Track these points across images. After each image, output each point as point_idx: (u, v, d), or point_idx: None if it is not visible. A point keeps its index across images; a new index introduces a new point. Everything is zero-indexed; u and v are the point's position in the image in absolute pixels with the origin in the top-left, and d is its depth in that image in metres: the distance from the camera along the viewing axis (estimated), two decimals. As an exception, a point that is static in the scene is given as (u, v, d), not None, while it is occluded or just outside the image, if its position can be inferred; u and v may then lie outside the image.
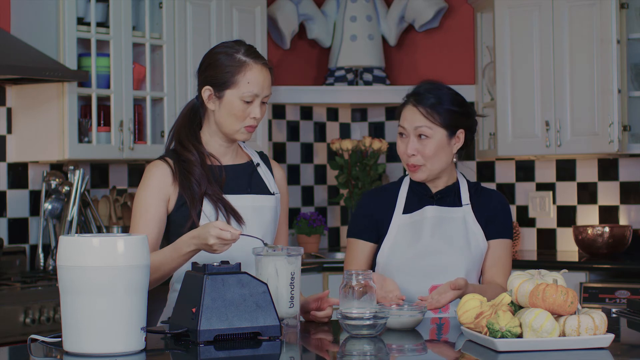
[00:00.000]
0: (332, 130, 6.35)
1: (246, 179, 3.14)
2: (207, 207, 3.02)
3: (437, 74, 6.11)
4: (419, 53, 6.22)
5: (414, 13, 6.02)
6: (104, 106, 4.84)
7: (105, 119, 4.83)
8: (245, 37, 5.28)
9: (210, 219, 3.00)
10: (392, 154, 6.27)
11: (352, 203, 5.98)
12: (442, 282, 3.11)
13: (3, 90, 4.79)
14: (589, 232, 5.36)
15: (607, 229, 5.34)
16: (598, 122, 5.26)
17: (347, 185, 6.00)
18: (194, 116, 3.15)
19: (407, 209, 3.25)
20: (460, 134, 3.23)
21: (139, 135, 4.96)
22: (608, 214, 5.67)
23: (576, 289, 4.97)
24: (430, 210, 3.23)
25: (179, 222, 3.03)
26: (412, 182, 3.29)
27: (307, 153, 6.21)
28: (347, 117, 6.42)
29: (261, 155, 3.24)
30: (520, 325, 2.51)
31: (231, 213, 3.02)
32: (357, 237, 3.28)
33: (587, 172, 5.73)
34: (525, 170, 5.90)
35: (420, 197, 3.26)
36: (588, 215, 5.72)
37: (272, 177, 3.20)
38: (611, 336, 2.52)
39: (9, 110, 4.81)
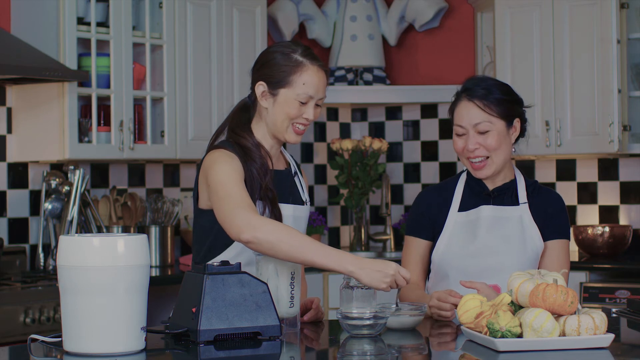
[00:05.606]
0: (333, 130, 6.35)
1: (287, 188, 3.08)
2: (258, 204, 2.94)
3: (437, 73, 6.11)
4: (419, 53, 6.22)
5: (414, 13, 6.02)
6: (104, 106, 4.84)
7: (105, 119, 4.83)
8: (245, 37, 5.32)
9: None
10: (392, 154, 6.27)
11: (352, 203, 5.98)
12: (497, 282, 3.10)
13: (3, 90, 4.79)
14: (589, 232, 5.35)
15: (607, 229, 5.33)
16: (598, 122, 5.26)
17: (348, 185, 6.00)
18: (245, 113, 3.07)
19: (463, 207, 3.23)
20: (517, 122, 3.23)
21: (139, 135, 4.96)
22: (608, 214, 5.66)
23: (576, 288, 4.97)
24: (485, 210, 3.20)
25: None
26: (469, 178, 3.26)
27: (307, 153, 6.21)
28: (347, 116, 6.41)
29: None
30: (521, 325, 2.51)
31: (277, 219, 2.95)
32: (413, 234, 3.27)
33: (587, 172, 5.72)
34: (525, 170, 5.89)
35: (477, 194, 3.24)
36: (588, 215, 5.71)
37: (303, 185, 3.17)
38: (611, 336, 2.52)
39: (9, 110, 4.81)
